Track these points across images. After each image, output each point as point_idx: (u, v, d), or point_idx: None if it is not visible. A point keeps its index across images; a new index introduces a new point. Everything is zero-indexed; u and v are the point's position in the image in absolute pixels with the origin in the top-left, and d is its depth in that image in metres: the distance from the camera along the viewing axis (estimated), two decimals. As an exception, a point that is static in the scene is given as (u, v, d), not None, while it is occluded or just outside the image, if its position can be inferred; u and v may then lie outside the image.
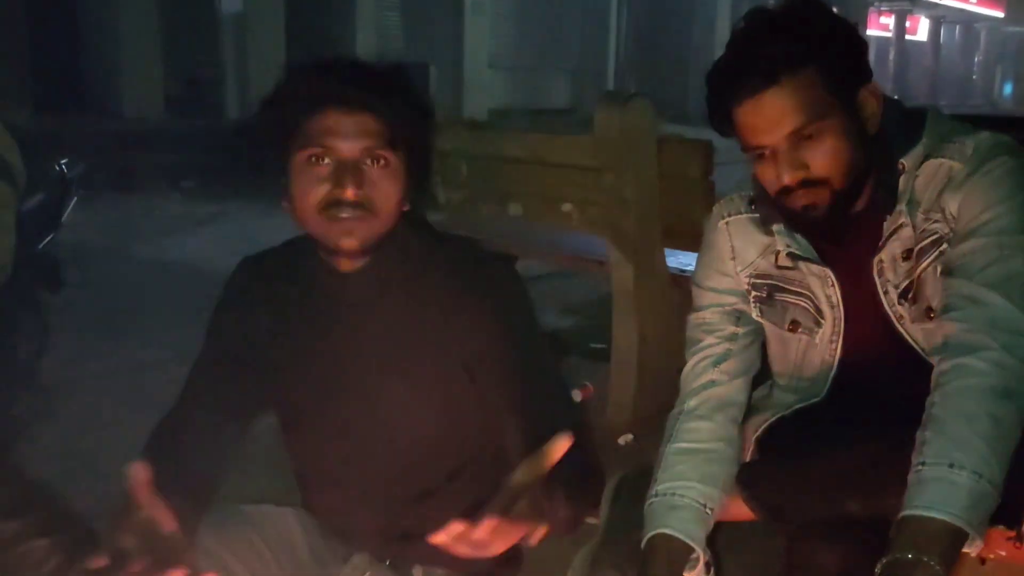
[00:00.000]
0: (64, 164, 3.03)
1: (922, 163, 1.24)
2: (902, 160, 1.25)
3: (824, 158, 1.19)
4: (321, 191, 1.15)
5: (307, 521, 1.33)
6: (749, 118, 1.20)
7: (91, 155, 4.28)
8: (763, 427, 1.41)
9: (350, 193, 1.14)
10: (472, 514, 0.94)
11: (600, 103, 2.45)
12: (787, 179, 1.21)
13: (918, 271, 1.25)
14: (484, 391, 1.23)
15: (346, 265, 1.23)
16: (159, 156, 8.23)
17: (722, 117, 1.24)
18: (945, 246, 1.22)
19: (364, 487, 1.29)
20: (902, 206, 1.25)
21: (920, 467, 1.06)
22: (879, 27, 26.86)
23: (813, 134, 1.18)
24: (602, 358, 2.89)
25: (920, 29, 29.34)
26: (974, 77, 34.67)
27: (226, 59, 11.20)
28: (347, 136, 1.14)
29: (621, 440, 2.60)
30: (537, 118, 12.96)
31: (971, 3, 29.04)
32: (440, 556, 1.02)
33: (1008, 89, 35.65)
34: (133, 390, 2.91)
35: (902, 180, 1.25)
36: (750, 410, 1.43)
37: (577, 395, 3.03)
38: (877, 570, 1.03)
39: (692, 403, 1.37)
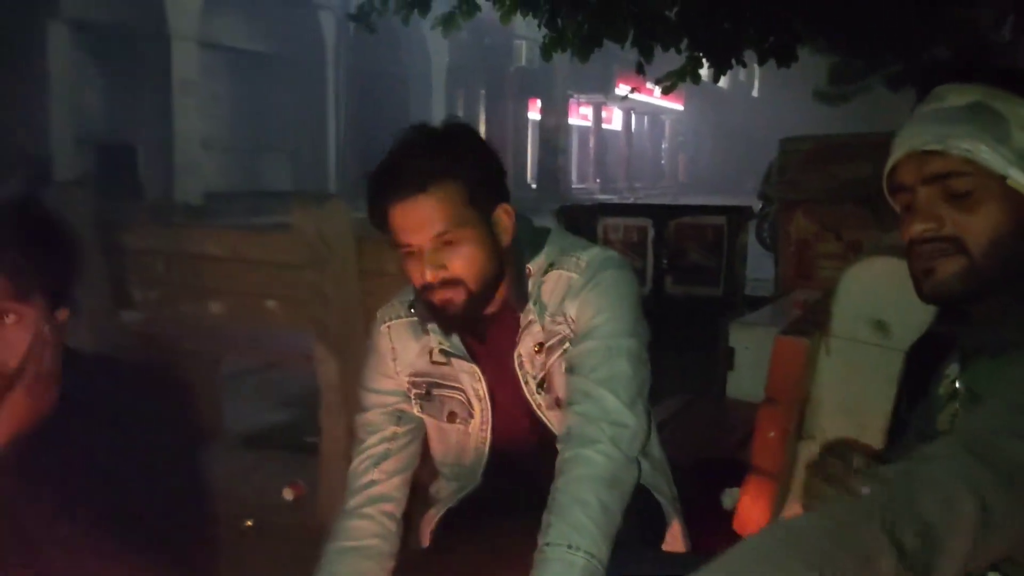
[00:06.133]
0: None
1: (547, 272, 1.42)
2: (529, 265, 1.43)
3: (461, 262, 1.34)
4: None
5: None
6: (400, 219, 1.33)
7: None
8: (436, 520, 1.51)
9: None
10: None
11: (296, 203, 2.49)
12: (429, 276, 1.34)
13: (548, 365, 1.42)
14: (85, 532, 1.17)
15: None
16: None
17: (379, 214, 1.36)
18: (568, 345, 1.39)
19: None
20: (531, 304, 1.42)
21: (545, 547, 1.20)
22: (580, 117, 29.40)
23: (453, 240, 1.33)
24: (316, 452, 2.87)
25: (615, 119, 32.54)
26: (663, 162, 38.93)
27: None
28: None
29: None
30: (256, 201, 12.66)
31: (656, 97, 32.74)
32: None
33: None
34: None
35: (530, 283, 1.42)
36: (427, 503, 1.52)
37: (289, 494, 2.97)
38: None
39: (353, 502, 1.46)
